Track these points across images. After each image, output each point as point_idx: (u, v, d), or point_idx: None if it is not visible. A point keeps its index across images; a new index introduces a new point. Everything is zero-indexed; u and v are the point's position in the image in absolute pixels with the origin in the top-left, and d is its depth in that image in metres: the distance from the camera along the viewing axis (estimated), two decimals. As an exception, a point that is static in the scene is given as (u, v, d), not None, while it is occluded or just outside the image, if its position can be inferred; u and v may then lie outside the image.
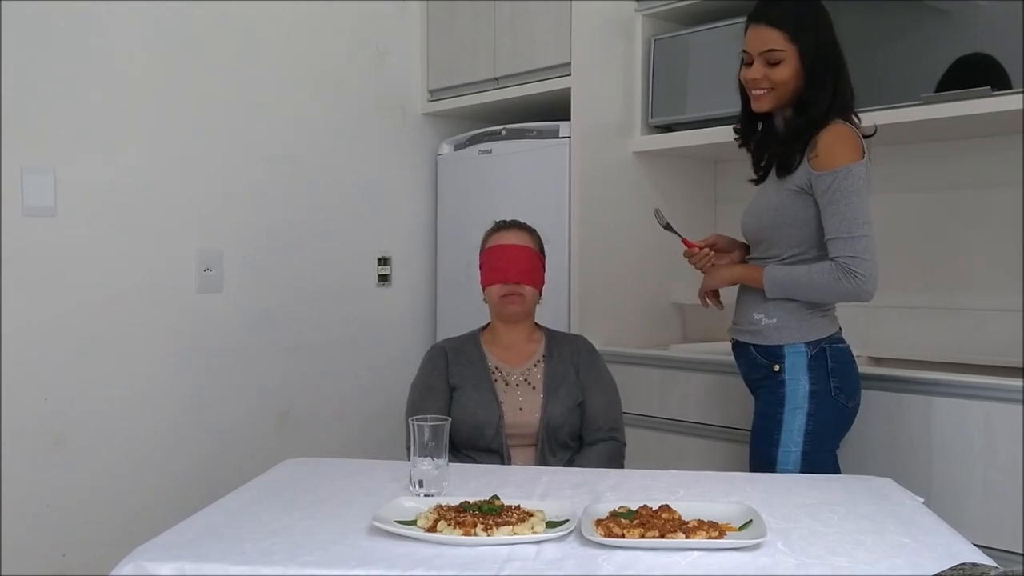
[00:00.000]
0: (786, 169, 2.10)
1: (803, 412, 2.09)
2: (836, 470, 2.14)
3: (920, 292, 2.88)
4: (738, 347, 2.25)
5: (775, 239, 2.15)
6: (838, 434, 2.15)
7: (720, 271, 2.27)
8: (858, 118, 2.13)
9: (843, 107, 2.10)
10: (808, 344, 2.11)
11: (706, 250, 2.29)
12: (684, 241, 2.31)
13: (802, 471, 2.07)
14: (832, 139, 2.04)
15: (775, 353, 2.13)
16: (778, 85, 2.10)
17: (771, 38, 2.09)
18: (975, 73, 2.40)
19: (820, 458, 2.11)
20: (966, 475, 2.23)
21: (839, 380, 2.12)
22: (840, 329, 2.18)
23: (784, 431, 2.10)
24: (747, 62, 2.14)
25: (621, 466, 2.33)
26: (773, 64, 2.09)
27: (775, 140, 2.18)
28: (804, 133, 2.08)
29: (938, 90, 2.46)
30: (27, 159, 2.70)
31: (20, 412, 2.69)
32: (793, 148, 2.09)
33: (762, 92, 2.12)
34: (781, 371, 2.11)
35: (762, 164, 2.24)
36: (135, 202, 2.91)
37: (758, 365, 2.17)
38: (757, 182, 2.28)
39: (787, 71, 2.09)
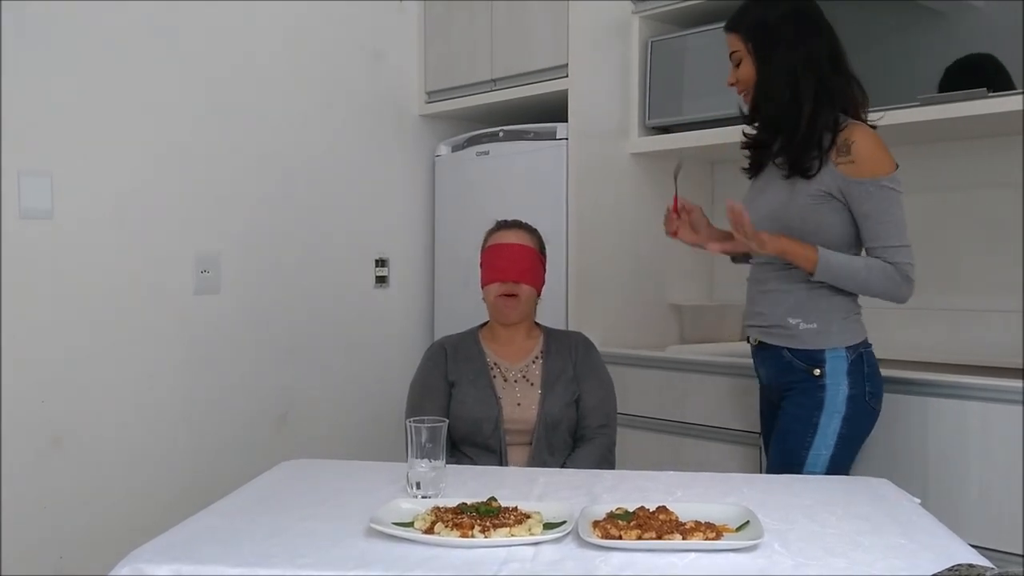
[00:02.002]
0: (802, 172, 2.07)
1: (840, 416, 2.08)
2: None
3: (918, 293, 2.86)
4: (765, 349, 2.21)
5: None
6: (864, 437, 2.15)
7: (765, 238, 2.06)
8: (865, 114, 2.11)
9: (843, 103, 2.08)
10: (848, 349, 2.10)
11: (683, 217, 2.30)
12: (675, 198, 2.30)
13: (827, 473, 2.07)
14: (871, 146, 2.03)
15: (815, 358, 2.10)
16: (745, 85, 2.16)
17: (730, 41, 2.18)
18: (973, 74, 2.40)
19: (844, 461, 2.11)
20: (963, 476, 2.23)
21: (872, 385, 2.12)
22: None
23: (819, 435, 2.08)
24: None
25: (612, 463, 2.34)
26: (737, 65, 2.17)
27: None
28: (794, 135, 2.06)
29: (939, 92, 2.46)
30: (25, 162, 2.69)
31: (18, 414, 2.69)
32: (804, 151, 2.06)
33: (742, 93, 2.19)
34: (822, 375, 2.09)
35: (758, 157, 2.23)
36: (132, 204, 2.91)
37: (794, 368, 2.13)
38: (750, 174, 2.28)
39: (746, 71, 2.15)
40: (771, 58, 2.10)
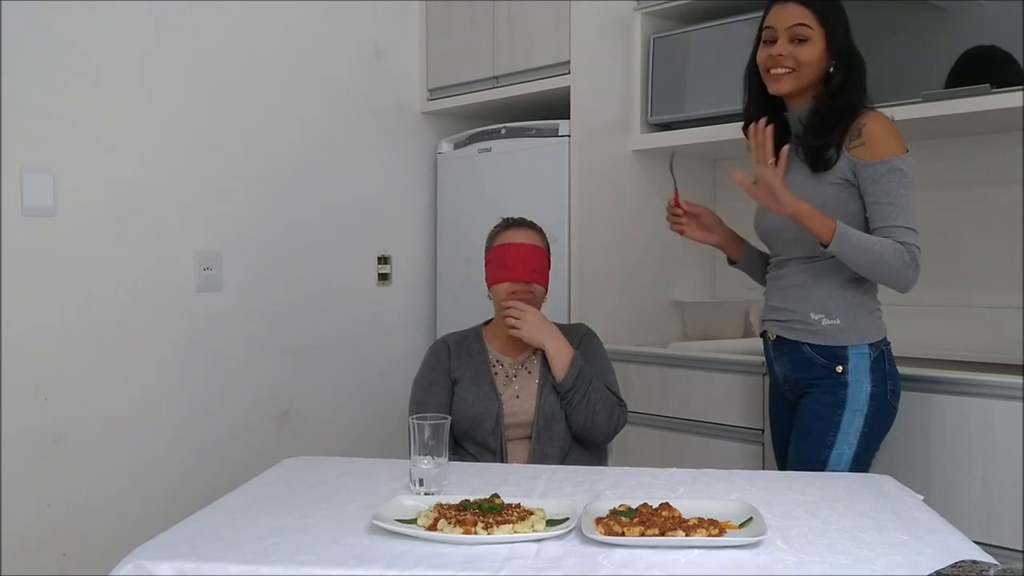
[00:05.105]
0: (825, 165, 2.04)
1: (862, 415, 2.06)
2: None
3: (920, 289, 2.86)
4: (784, 344, 2.18)
5: None
6: (883, 436, 2.14)
7: (783, 195, 1.98)
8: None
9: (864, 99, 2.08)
10: (871, 346, 2.08)
11: (680, 213, 2.33)
12: (675, 193, 2.30)
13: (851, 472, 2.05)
14: (880, 128, 2.00)
15: (838, 354, 2.08)
16: (802, 65, 2.05)
17: (799, 14, 2.06)
18: (982, 66, 2.38)
19: (865, 460, 2.09)
20: (965, 472, 2.23)
21: (892, 383, 2.11)
22: None
23: (841, 433, 2.06)
24: (770, 39, 2.09)
25: (622, 420, 2.30)
26: (800, 42, 2.05)
27: (788, 133, 2.14)
28: (839, 125, 2.03)
29: (947, 85, 2.45)
30: (26, 159, 2.70)
31: (20, 412, 2.69)
32: (830, 142, 2.04)
33: (783, 72, 2.07)
34: (844, 372, 2.07)
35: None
36: (134, 202, 2.91)
37: (815, 364, 2.11)
38: None
39: (813, 51, 2.05)
40: (847, 54, 2.06)
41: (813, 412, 2.11)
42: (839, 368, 2.08)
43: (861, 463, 2.08)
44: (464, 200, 3.52)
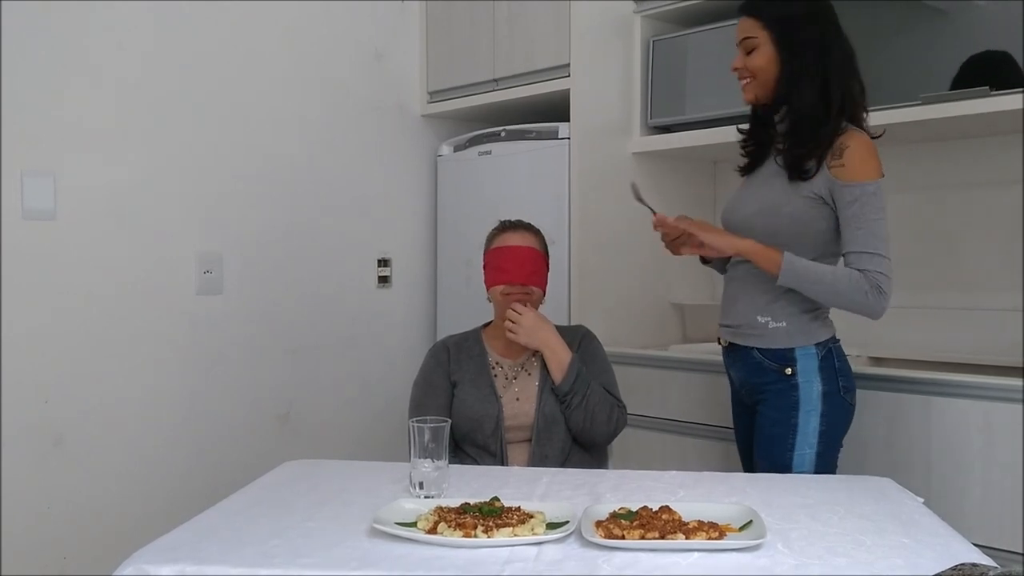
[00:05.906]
0: (802, 175, 2.06)
1: (817, 414, 2.07)
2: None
3: (920, 292, 2.88)
4: (736, 350, 2.21)
5: (787, 246, 2.07)
6: (844, 432, 2.15)
7: (723, 235, 2.13)
8: (867, 116, 2.11)
9: (851, 108, 2.08)
10: (818, 346, 2.10)
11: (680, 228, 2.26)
12: (655, 214, 2.26)
13: (815, 472, 2.06)
14: (862, 150, 2.02)
15: (785, 357, 2.10)
16: (756, 72, 2.12)
17: (746, 26, 2.14)
18: (987, 70, 2.39)
19: (830, 458, 2.11)
20: (966, 475, 2.23)
21: (845, 379, 2.12)
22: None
23: (799, 435, 2.07)
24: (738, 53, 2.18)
25: (621, 421, 2.30)
26: (749, 52, 2.13)
27: (774, 135, 2.17)
28: (814, 135, 2.05)
29: (952, 89, 2.45)
30: (27, 162, 2.70)
31: (20, 414, 2.69)
32: (810, 152, 2.05)
33: (745, 81, 2.15)
34: (794, 374, 2.09)
35: (755, 155, 2.23)
36: (135, 204, 2.91)
37: (765, 369, 2.13)
38: (744, 172, 2.27)
39: (761, 58, 2.11)
40: (799, 55, 2.07)
41: (770, 419, 2.13)
42: (788, 370, 2.10)
43: (826, 461, 2.09)
44: (464, 203, 3.52)
